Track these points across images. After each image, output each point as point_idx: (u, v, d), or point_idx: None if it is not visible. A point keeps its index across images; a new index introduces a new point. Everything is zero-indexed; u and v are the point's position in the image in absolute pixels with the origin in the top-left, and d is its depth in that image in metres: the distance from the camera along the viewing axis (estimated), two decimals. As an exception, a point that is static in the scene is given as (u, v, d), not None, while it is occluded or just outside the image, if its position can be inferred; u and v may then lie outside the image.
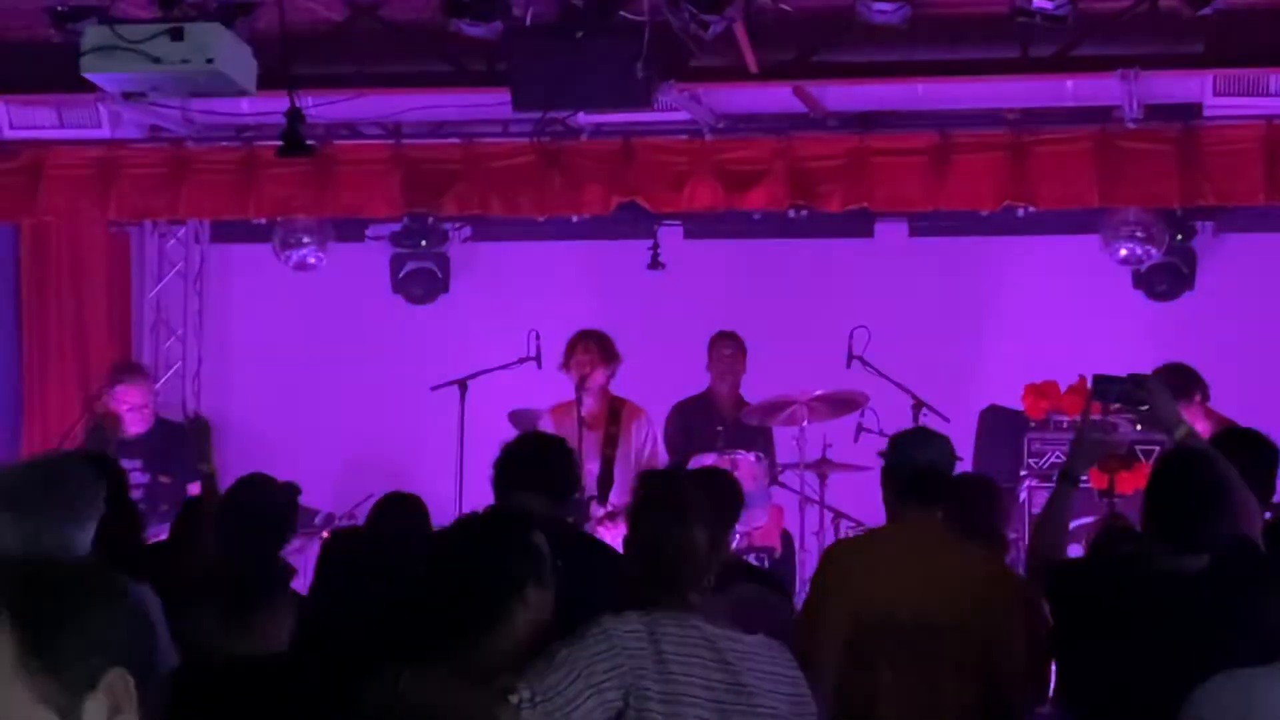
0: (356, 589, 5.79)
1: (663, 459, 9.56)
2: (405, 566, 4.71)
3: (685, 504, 4.38)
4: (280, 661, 4.55)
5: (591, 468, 9.28)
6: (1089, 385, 5.91)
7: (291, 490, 6.96)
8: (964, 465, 9.67)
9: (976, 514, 6.30)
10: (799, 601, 6.87)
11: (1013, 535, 8.79)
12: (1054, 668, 5.81)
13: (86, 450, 5.54)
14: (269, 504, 6.44)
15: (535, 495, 5.59)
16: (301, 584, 7.20)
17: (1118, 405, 5.88)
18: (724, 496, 6.53)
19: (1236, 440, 6.03)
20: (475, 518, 4.45)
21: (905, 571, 5.41)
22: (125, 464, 9.65)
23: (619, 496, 9.21)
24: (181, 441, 9.49)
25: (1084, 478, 7.02)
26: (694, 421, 10.07)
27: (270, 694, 4.37)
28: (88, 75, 7.25)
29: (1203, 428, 8.51)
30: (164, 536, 7.06)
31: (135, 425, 10.06)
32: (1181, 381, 8.86)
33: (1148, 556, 5.12)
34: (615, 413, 9.46)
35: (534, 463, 5.79)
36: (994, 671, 5.37)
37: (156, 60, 6.96)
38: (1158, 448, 7.71)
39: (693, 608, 4.21)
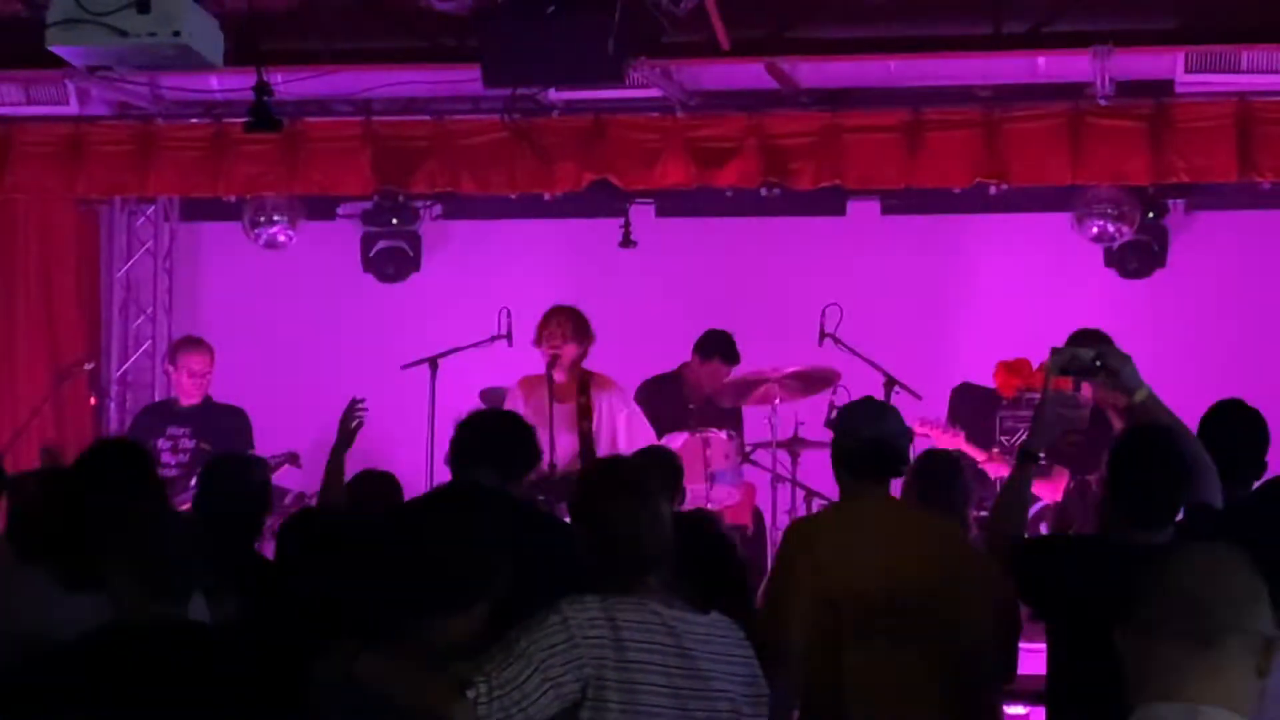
0: (323, 566, 5.77)
1: (644, 427, 9.51)
2: (379, 544, 4.68)
3: (650, 484, 4.36)
4: (232, 631, 4.53)
5: (567, 441, 9.25)
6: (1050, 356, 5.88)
7: (264, 467, 6.96)
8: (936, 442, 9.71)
9: (939, 491, 6.29)
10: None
11: (984, 513, 8.80)
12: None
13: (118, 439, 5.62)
14: (246, 482, 6.42)
15: (490, 471, 5.56)
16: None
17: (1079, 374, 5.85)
18: (666, 474, 6.56)
19: (1229, 413, 6.01)
20: (452, 499, 4.42)
21: (871, 548, 5.38)
22: (174, 430, 9.88)
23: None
24: (226, 417, 10.06)
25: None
26: (664, 400, 10.05)
27: (218, 662, 4.35)
28: (53, 48, 7.19)
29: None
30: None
31: (190, 396, 10.21)
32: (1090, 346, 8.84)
33: (1111, 532, 5.13)
34: (584, 385, 9.42)
35: (490, 439, 5.75)
36: (961, 647, 5.36)
37: (123, 33, 6.91)
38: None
39: (651, 590, 4.18)
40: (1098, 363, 5.62)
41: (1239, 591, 2.93)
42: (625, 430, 9.36)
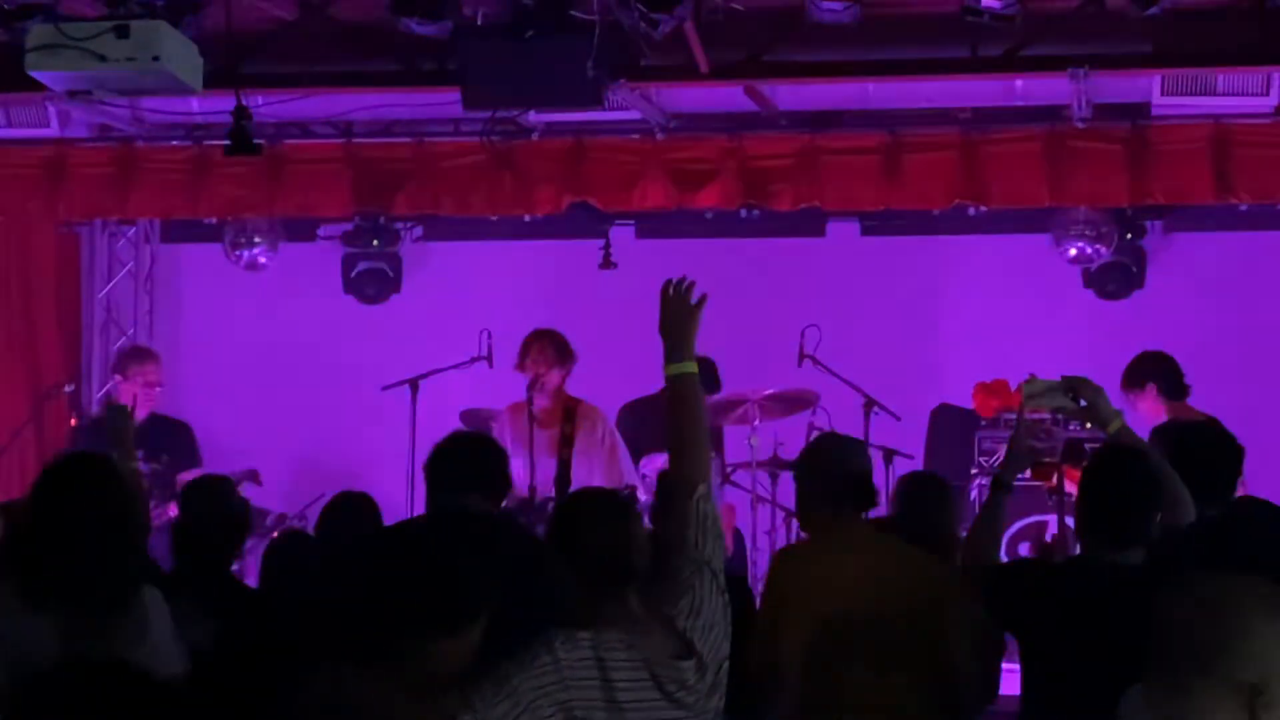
0: (304, 589, 5.77)
1: (624, 455, 9.53)
2: (356, 566, 4.68)
3: (622, 504, 4.38)
4: (213, 661, 4.52)
5: (547, 468, 9.26)
6: (1023, 389, 5.93)
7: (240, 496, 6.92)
8: (915, 464, 9.75)
9: (926, 513, 6.31)
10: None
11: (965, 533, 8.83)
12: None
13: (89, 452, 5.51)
14: (225, 506, 6.41)
15: (478, 496, 5.55)
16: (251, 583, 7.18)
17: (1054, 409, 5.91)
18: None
19: (1199, 433, 6.05)
20: (448, 523, 4.41)
21: (858, 572, 5.43)
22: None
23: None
24: (173, 432, 9.86)
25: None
26: (645, 421, 10.05)
27: (202, 693, 4.34)
28: (33, 73, 7.20)
29: (1155, 416, 8.60)
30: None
31: (142, 408, 10.05)
32: (1136, 369, 8.96)
33: (1084, 553, 5.17)
34: (569, 412, 9.43)
35: (474, 462, 5.72)
36: (944, 670, 5.39)
37: (102, 58, 6.91)
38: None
39: (631, 612, 4.18)
40: (1070, 394, 5.67)
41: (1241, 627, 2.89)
42: (606, 461, 9.37)
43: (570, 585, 4.30)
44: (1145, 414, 8.75)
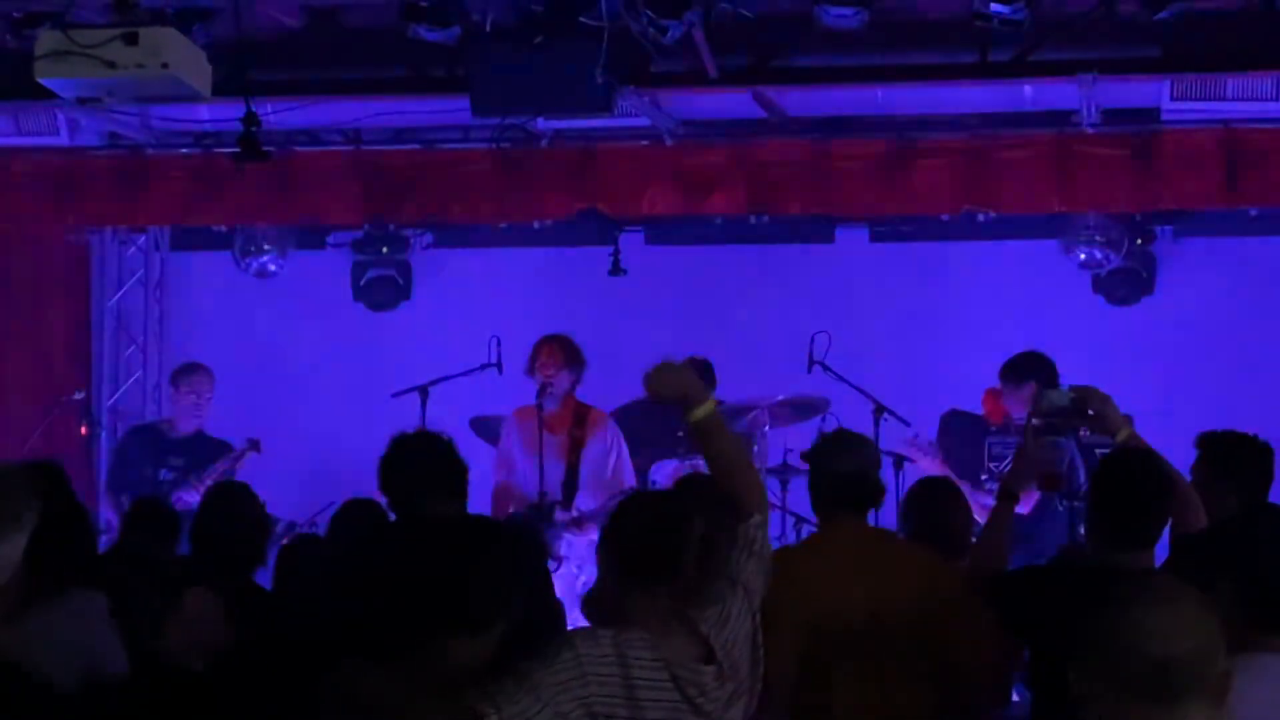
0: (317, 595, 5.77)
1: (628, 466, 9.53)
2: (376, 567, 4.68)
3: (680, 505, 4.40)
4: (232, 664, 4.51)
5: (555, 472, 9.25)
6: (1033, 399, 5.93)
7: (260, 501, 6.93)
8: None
9: (938, 516, 6.31)
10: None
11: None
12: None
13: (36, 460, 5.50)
14: (246, 513, 6.42)
15: (441, 499, 5.50)
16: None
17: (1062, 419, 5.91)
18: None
19: (1226, 441, 6.03)
20: (471, 525, 4.42)
21: (854, 577, 5.41)
22: (175, 460, 9.84)
23: (584, 502, 9.21)
24: (216, 453, 9.95)
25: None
26: (654, 425, 10.04)
27: (222, 695, 4.34)
28: (42, 80, 7.22)
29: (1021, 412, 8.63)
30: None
31: (189, 421, 10.18)
32: (1021, 366, 9.03)
33: (1094, 556, 5.17)
34: (580, 418, 9.43)
35: (441, 465, 5.67)
36: (949, 672, 5.37)
37: (111, 65, 6.94)
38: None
39: (663, 619, 4.19)
40: (1075, 404, 5.66)
41: (1201, 644, 2.92)
42: (614, 468, 9.37)
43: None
44: (1013, 408, 9.12)
